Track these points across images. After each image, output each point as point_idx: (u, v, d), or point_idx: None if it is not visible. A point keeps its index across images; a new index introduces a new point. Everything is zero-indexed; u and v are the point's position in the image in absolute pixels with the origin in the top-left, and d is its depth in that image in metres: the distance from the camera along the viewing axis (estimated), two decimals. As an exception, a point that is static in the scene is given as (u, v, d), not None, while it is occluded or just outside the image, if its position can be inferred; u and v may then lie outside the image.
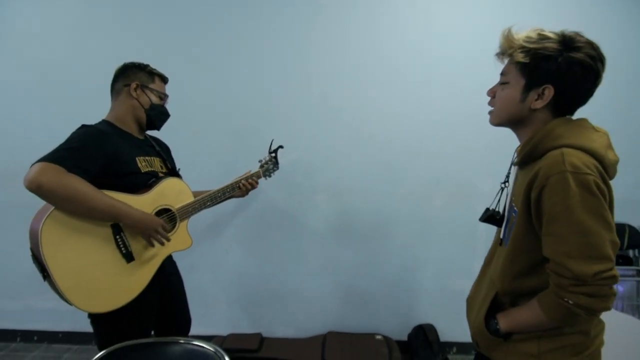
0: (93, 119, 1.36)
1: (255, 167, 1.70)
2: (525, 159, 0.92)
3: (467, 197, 2.29)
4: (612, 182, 0.87)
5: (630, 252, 2.29)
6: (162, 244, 1.29)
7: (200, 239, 2.26)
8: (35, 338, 2.40)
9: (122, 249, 1.24)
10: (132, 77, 1.37)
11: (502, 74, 0.97)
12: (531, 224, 0.89)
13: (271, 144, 1.75)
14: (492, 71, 1.04)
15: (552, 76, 0.87)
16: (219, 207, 1.75)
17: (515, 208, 0.94)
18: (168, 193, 1.37)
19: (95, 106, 1.44)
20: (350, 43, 2.19)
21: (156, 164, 1.41)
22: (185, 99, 2.12)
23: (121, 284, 1.25)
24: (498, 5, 2.16)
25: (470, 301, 1.12)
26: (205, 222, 2.25)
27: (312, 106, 2.22)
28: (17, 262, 2.32)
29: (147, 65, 1.42)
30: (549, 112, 0.92)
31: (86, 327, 2.54)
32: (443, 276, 2.34)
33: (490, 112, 1.00)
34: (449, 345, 2.37)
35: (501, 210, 1.08)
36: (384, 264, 2.32)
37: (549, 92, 0.88)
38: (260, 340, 2.20)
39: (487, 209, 1.10)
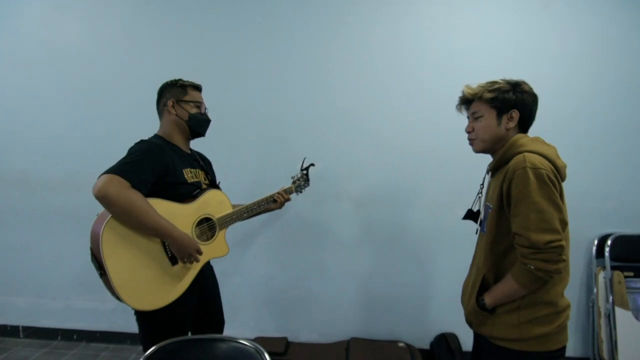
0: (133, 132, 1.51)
1: (287, 183, 1.81)
2: (497, 165, 1.24)
3: (489, 209, 2.33)
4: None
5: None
6: (192, 262, 1.41)
7: (231, 245, 2.36)
8: (75, 337, 2.55)
9: (169, 252, 1.36)
10: (168, 95, 1.49)
11: (473, 113, 1.28)
12: (503, 212, 1.17)
13: (303, 162, 1.86)
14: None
15: (514, 102, 1.21)
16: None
17: (490, 205, 1.24)
18: (210, 203, 1.49)
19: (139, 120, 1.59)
20: (372, 56, 2.28)
21: (200, 176, 1.54)
22: (218, 114, 2.26)
23: (166, 284, 1.36)
24: (518, 21, 2.23)
25: (463, 288, 1.39)
26: (236, 229, 2.35)
27: (336, 118, 2.33)
28: (59, 264, 2.50)
29: (179, 80, 1.52)
30: (517, 129, 1.25)
31: (123, 327, 2.70)
32: (465, 286, 2.37)
33: (472, 142, 1.30)
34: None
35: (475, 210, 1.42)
36: (406, 272, 2.38)
37: (516, 114, 1.22)
38: (286, 344, 2.29)
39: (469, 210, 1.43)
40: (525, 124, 1.25)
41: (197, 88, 1.55)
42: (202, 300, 1.56)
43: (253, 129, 2.36)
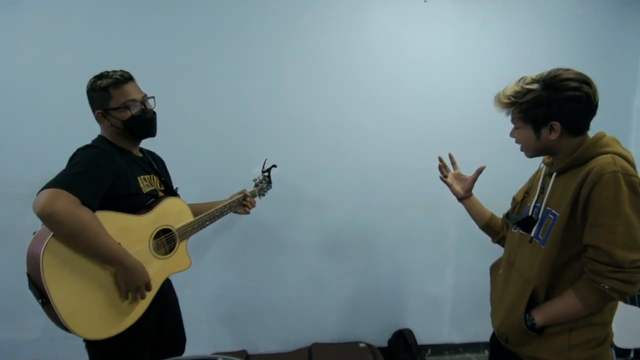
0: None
1: (247, 186, 1.72)
2: (569, 165, 1.04)
3: (438, 208, 2.46)
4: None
5: None
6: (137, 299, 1.23)
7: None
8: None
9: (124, 272, 1.20)
10: (94, 104, 1.28)
11: (512, 120, 1.13)
12: (573, 222, 1.00)
13: (264, 163, 1.78)
14: (462, 94, 1.16)
15: (551, 115, 1.02)
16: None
17: (553, 211, 1.06)
18: (169, 212, 1.35)
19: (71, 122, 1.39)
20: (326, 64, 2.27)
21: (155, 182, 1.39)
22: (167, 113, 2.07)
23: (121, 309, 1.21)
24: (467, 31, 2.38)
25: (493, 299, 1.23)
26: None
27: (294, 123, 2.28)
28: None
29: (97, 80, 1.26)
30: (568, 136, 1.05)
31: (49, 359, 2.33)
32: (419, 282, 2.48)
33: (521, 149, 1.16)
34: (425, 347, 2.51)
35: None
36: (365, 274, 2.42)
37: (557, 126, 1.03)
38: (246, 358, 2.18)
39: (509, 215, 1.27)
40: (578, 128, 1.04)
41: (121, 81, 1.25)
42: (162, 319, 1.42)
43: (205, 132, 2.20)
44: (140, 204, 1.29)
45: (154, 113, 1.36)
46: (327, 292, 2.39)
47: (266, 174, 1.78)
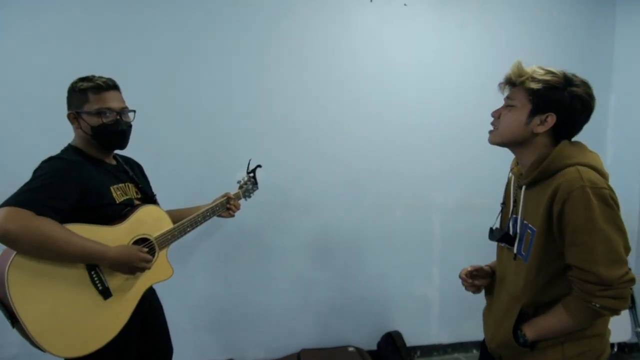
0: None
1: (232, 189, 1.68)
2: (537, 178, 1.01)
3: (423, 209, 2.47)
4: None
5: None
6: (149, 268, 1.24)
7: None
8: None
9: (99, 285, 1.15)
10: (69, 104, 1.24)
11: (508, 97, 1.06)
12: (551, 237, 0.97)
13: (249, 163, 1.75)
14: (445, 95, 1.10)
15: (556, 105, 0.98)
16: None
17: (530, 225, 1.03)
18: (145, 221, 1.30)
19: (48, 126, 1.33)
20: (309, 66, 2.26)
21: (131, 190, 1.34)
22: (147, 119, 2.01)
23: (99, 323, 1.16)
24: (447, 33, 2.40)
25: (485, 315, 1.21)
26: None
27: (277, 126, 2.25)
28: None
29: (79, 82, 1.22)
30: (548, 137, 1.03)
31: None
32: (406, 283, 2.48)
33: (491, 131, 1.09)
34: (414, 349, 2.50)
35: (496, 227, 1.19)
36: (352, 277, 2.40)
37: (552, 119, 0.99)
38: (233, 366, 2.13)
39: (493, 229, 1.18)
40: (563, 133, 1.02)
41: (102, 88, 1.21)
42: (147, 330, 1.37)
43: (187, 136, 2.15)
44: (114, 214, 1.24)
45: (129, 126, 1.30)
46: (315, 296, 2.36)
47: (251, 174, 1.74)
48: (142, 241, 1.29)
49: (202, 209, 1.51)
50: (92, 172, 1.21)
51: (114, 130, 1.24)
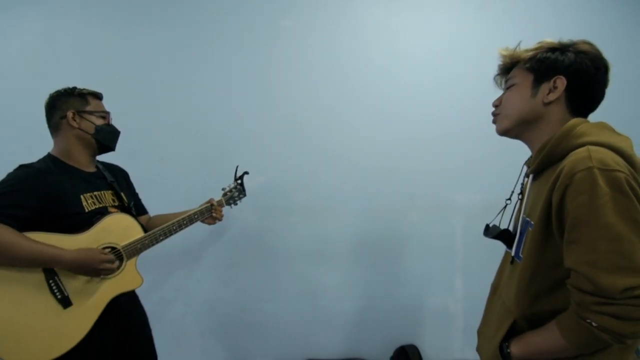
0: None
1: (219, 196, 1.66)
2: (543, 164, 0.83)
3: (442, 211, 2.23)
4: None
5: None
6: (113, 271, 1.25)
7: (170, 270, 2.18)
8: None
9: (57, 294, 1.16)
10: (65, 106, 1.29)
11: (507, 80, 0.93)
12: (551, 234, 0.78)
13: (236, 170, 1.72)
14: (461, 88, 0.96)
15: (561, 65, 0.83)
16: (189, 235, 1.70)
17: (531, 222, 0.83)
18: (112, 229, 1.30)
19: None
20: (312, 62, 2.15)
21: (107, 198, 1.34)
22: (151, 125, 2.06)
23: (59, 331, 1.17)
24: (463, 16, 2.16)
25: (480, 333, 1.02)
26: (174, 252, 2.16)
27: (280, 128, 2.17)
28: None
29: (75, 88, 1.33)
30: (564, 109, 0.85)
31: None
32: (423, 294, 2.26)
33: (495, 120, 0.94)
34: (435, 365, 2.27)
35: (502, 227, 0.99)
36: (363, 285, 2.24)
37: (561, 82, 0.82)
38: (236, 373, 2.10)
39: (490, 226, 1.01)
40: (580, 102, 0.84)
41: (98, 96, 1.38)
42: (123, 337, 1.37)
43: (190, 140, 2.16)
44: (82, 223, 1.25)
45: (119, 130, 1.43)
46: (323, 304, 2.24)
47: (239, 181, 1.71)
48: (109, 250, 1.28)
49: (180, 217, 1.49)
50: (61, 180, 1.23)
51: (114, 131, 1.39)
